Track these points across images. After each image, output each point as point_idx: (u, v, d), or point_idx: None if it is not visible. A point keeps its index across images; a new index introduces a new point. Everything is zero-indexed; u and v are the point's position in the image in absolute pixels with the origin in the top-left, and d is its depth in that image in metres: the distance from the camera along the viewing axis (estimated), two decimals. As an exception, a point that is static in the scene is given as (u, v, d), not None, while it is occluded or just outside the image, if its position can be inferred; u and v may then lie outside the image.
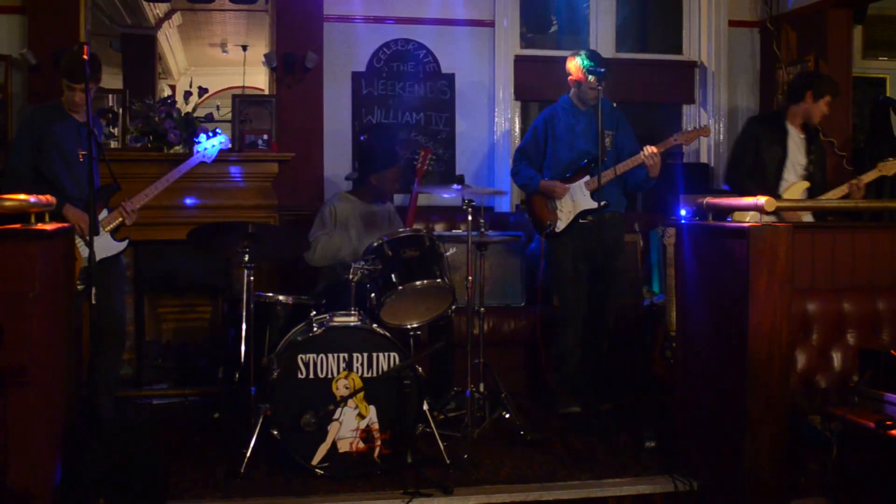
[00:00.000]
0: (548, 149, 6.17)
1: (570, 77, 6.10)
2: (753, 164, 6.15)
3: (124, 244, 5.55)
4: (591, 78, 5.86)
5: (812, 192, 6.06)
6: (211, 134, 6.03)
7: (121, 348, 5.84)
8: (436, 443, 4.85)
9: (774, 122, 6.24)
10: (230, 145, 6.01)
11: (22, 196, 4.00)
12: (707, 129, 6.25)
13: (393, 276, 5.14)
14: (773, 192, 6.03)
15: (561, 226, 6.01)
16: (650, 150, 5.83)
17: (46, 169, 5.32)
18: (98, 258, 4.95)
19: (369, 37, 7.49)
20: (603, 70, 5.78)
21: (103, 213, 5.43)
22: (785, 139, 6.13)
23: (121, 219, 5.49)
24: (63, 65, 5.32)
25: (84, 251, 5.09)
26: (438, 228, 7.14)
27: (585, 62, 5.96)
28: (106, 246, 5.42)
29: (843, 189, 6.00)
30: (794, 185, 6.07)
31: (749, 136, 6.28)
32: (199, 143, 5.91)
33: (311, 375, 4.74)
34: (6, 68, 6.75)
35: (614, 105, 6.26)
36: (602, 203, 5.78)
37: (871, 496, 3.89)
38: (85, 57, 4.61)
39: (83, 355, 5.19)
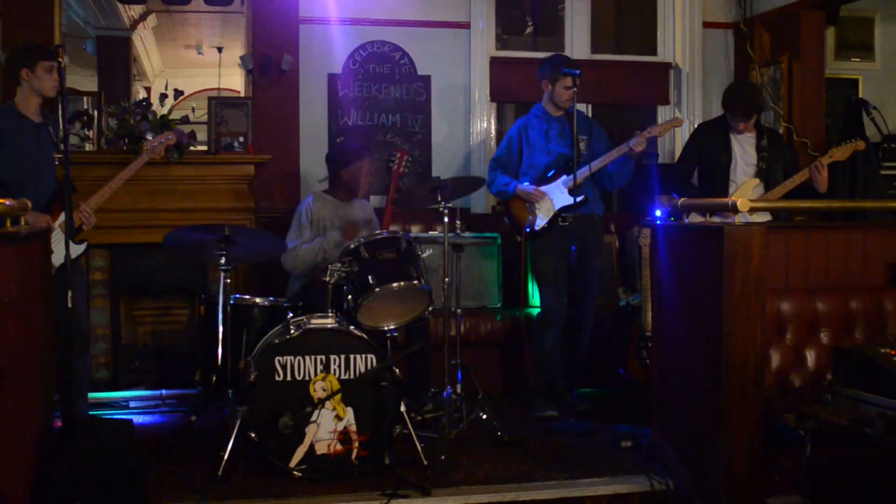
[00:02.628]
0: (523, 156, 6.19)
1: (543, 81, 6.13)
2: (696, 169, 6.25)
3: (83, 246, 5.49)
4: (566, 79, 5.90)
5: (768, 188, 6.09)
6: (152, 129, 6.08)
7: (85, 349, 5.79)
8: (413, 444, 4.86)
9: (717, 126, 6.29)
10: (172, 139, 5.94)
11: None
12: (679, 119, 6.30)
13: (370, 278, 5.15)
14: (722, 195, 6.07)
15: (540, 224, 6.02)
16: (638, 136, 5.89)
17: (6, 174, 5.21)
18: (57, 262, 4.94)
19: (345, 39, 7.48)
20: (578, 71, 5.82)
21: (60, 218, 5.35)
22: (728, 143, 6.17)
23: (78, 222, 5.38)
24: (25, 53, 5.26)
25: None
26: (415, 230, 7.14)
27: (558, 65, 6.00)
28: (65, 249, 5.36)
29: (804, 174, 6.00)
30: (743, 186, 6.10)
31: (692, 145, 6.42)
32: (146, 139, 5.88)
33: (289, 378, 4.74)
34: (-20, 70, 6.70)
35: (588, 111, 6.30)
36: (580, 198, 5.81)
37: (844, 494, 3.92)
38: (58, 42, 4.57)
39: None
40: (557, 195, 6.00)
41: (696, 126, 7.01)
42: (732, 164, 6.15)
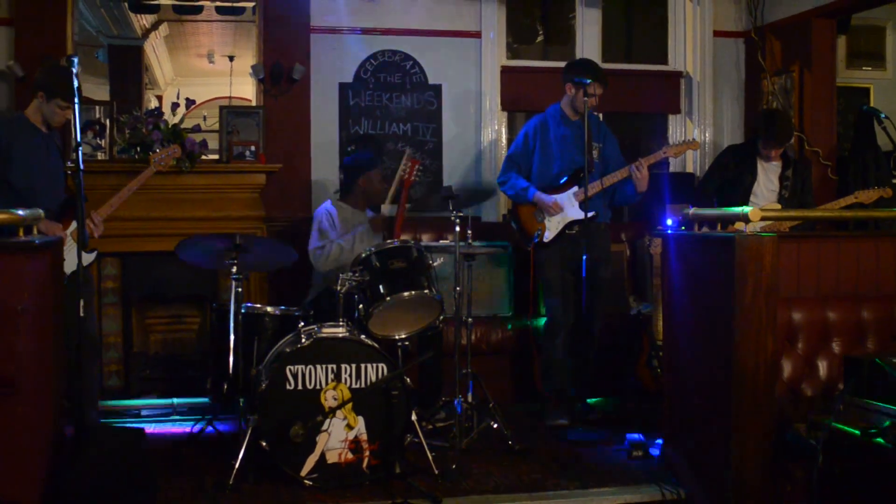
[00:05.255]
0: (536, 157, 6.18)
1: (567, 85, 6.10)
2: (721, 186, 6.29)
3: (93, 255, 5.51)
4: (588, 84, 5.86)
5: None
6: (165, 144, 6.08)
7: (96, 358, 5.79)
8: (424, 453, 4.86)
9: (747, 149, 6.36)
10: (177, 152, 5.97)
11: (12, 209, 4.00)
12: (696, 142, 6.26)
13: (381, 287, 5.16)
14: None
15: (549, 236, 6.03)
16: (638, 163, 5.86)
17: (17, 182, 5.25)
18: (69, 270, 4.95)
19: (356, 48, 7.50)
20: (588, 80, 5.82)
21: (72, 226, 5.36)
22: (754, 166, 6.22)
23: (89, 231, 5.38)
24: (50, 81, 5.29)
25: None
26: (426, 239, 7.14)
27: (586, 70, 5.98)
28: (76, 258, 5.37)
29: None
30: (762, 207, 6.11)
31: (718, 164, 6.52)
32: (154, 152, 5.89)
33: (300, 386, 4.75)
34: (-7, 80, 6.74)
35: (600, 118, 6.29)
36: (590, 214, 5.81)
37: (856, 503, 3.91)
38: (74, 70, 4.57)
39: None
40: (568, 207, 6.00)
41: (725, 146, 7.05)
42: (755, 186, 6.19)
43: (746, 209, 4.32)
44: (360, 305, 5.20)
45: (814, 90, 7.44)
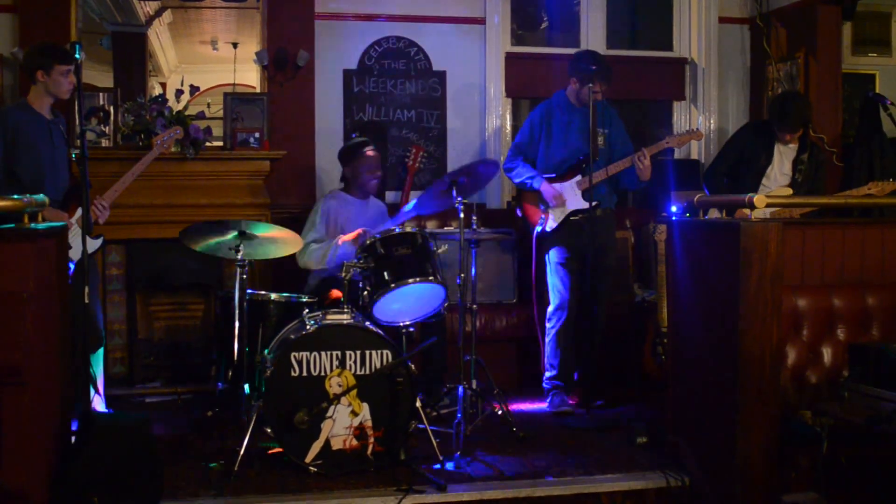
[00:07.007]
0: (541, 144, 6.17)
1: (572, 78, 6.08)
2: (734, 168, 6.22)
3: (99, 241, 5.50)
4: (592, 83, 5.88)
5: None
6: (167, 126, 6.12)
7: (99, 344, 5.80)
8: (429, 439, 4.87)
9: (764, 130, 6.27)
10: (180, 133, 5.97)
11: (16, 196, 4.00)
12: (699, 132, 6.19)
13: (385, 274, 5.16)
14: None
15: (552, 225, 6.02)
16: (641, 153, 5.85)
17: (23, 170, 5.24)
18: (75, 258, 4.94)
19: (360, 34, 7.49)
20: (611, 71, 5.82)
21: (77, 213, 5.36)
22: (771, 148, 6.16)
23: (94, 217, 5.39)
24: (41, 55, 5.28)
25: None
26: (430, 225, 7.14)
27: (590, 67, 5.95)
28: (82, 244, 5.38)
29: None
30: (774, 192, 6.07)
31: (735, 142, 6.38)
32: (156, 134, 5.88)
33: (305, 373, 4.75)
34: (-3, 67, 6.74)
35: (607, 104, 6.26)
36: (593, 204, 5.80)
37: (861, 491, 3.92)
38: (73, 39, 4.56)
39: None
40: (571, 196, 5.99)
41: (741, 126, 6.99)
42: (769, 168, 6.13)
43: (751, 196, 4.31)
44: (365, 292, 5.20)
45: (819, 76, 7.42)
